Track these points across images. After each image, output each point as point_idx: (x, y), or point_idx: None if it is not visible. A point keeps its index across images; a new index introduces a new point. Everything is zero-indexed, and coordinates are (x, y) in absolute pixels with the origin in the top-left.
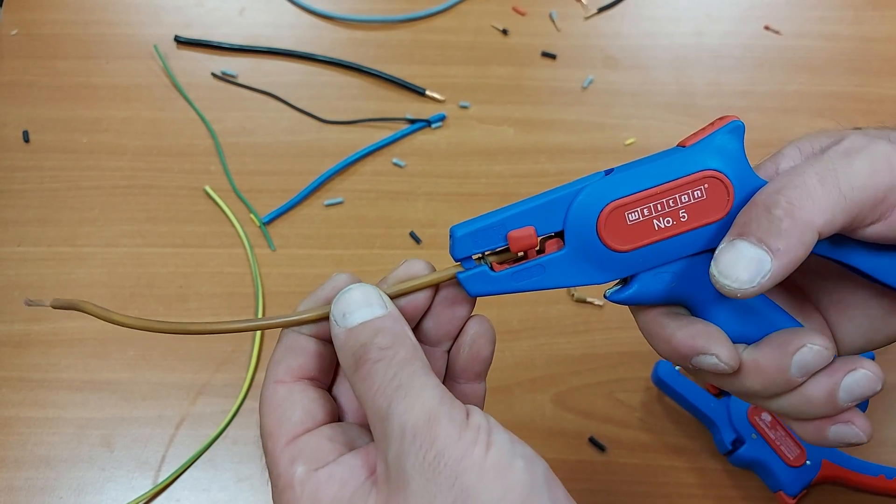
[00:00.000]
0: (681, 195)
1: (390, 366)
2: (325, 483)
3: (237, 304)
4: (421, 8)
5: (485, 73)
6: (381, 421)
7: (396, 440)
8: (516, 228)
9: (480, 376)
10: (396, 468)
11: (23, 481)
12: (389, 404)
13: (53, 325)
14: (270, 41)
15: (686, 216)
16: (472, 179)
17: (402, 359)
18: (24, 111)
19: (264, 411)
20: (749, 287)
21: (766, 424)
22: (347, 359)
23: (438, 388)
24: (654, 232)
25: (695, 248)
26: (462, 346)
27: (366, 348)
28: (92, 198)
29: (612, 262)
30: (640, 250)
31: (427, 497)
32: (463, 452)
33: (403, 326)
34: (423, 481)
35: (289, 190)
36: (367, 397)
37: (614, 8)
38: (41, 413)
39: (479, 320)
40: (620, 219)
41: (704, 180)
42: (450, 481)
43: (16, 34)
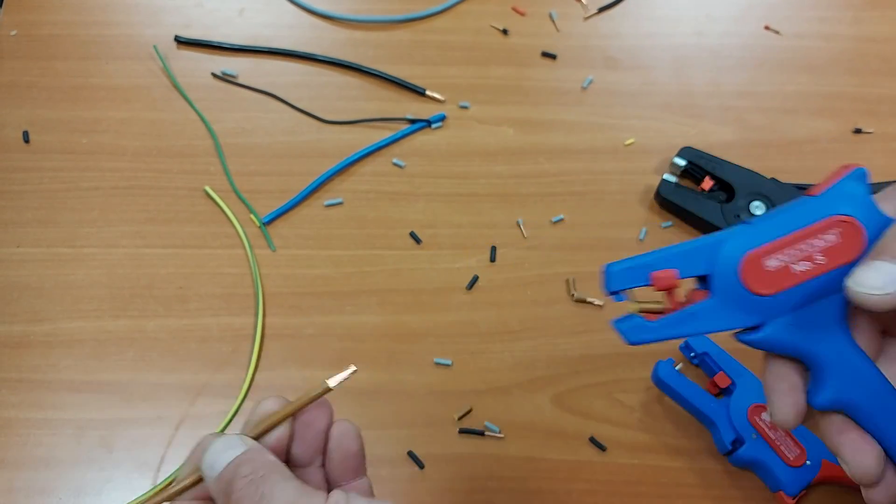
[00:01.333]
0: (816, 240)
1: (254, 484)
2: None
3: (237, 304)
4: (421, 8)
5: (485, 74)
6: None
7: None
8: (660, 269)
9: (358, 471)
10: None
11: (22, 482)
12: None
13: (53, 326)
14: (270, 41)
15: (823, 259)
16: (471, 180)
17: (263, 476)
18: (23, 112)
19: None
20: (881, 293)
21: (766, 424)
22: (220, 499)
23: (296, 487)
24: (794, 276)
25: (833, 289)
26: (331, 452)
27: (231, 483)
28: (92, 198)
29: (756, 306)
30: (782, 293)
31: None
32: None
33: (262, 453)
34: None
35: (289, 190)
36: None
37: (614, 8)
38: (40, 414)
39: (338, 424)
40: (760, 265)
41: (838, 225)
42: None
43: (15, 35)
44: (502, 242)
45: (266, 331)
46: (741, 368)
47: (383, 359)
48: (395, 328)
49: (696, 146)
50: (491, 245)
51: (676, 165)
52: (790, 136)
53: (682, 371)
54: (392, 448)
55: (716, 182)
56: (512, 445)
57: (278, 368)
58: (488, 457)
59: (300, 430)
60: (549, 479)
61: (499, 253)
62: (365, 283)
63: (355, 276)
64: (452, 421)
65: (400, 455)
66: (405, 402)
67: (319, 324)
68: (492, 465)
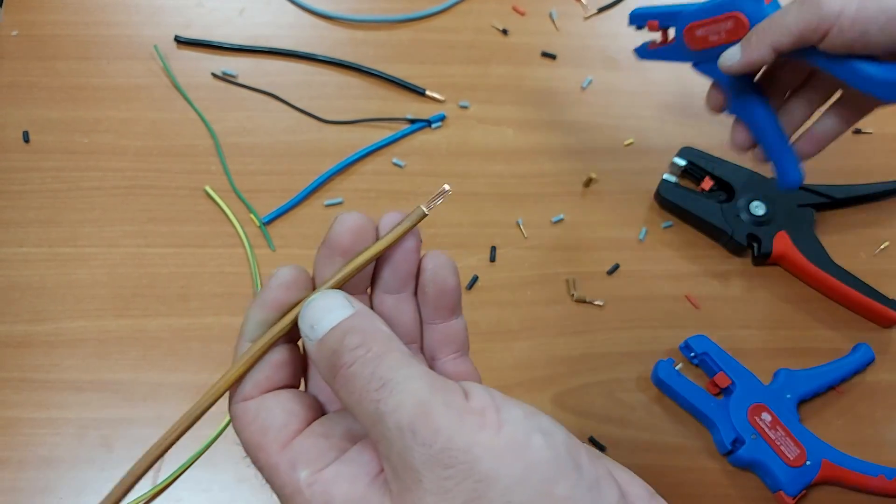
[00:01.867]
0: (722, 24)
1: (366, 365)
2: (334, 482)
3: (237, 304)
4: (421, 8)
5: (485, 73)
6: (375, 424)
7: (397, 440)
8: (652, 20)
9: (454, 310)
10: (404, 466)
11: (24, 482)
12: (377, 406)
13: (55, 326)
14: (270, 41)
15: (725, 35)
16: (471, 179)
17: (377, 354)
18: (24, 112)
19: (241, 427)
20: (728, 63)
21: (766, 424)
22: (324, 371)
23: (425, 375)
24: (710, 41)
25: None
26: (425, 284)
27: (337, 354)
28: (93, 198)
29: (691, 55)
30: (703, 50)
31: (443, 492)
32: (471, 439)
33: (373, 320)
34: (436, 476)
35: (289, 190)
36: (352, 404)
37: (614, 8)
38: (42, 414)
39: (432, 255)
40: (693, 33)
41: (733, 17)
42: (464, 472)
43: (16, 35)
44: (502, 242)
45: None
46: (741, 368)
47: None
48: None
49: (696, 146)
50: (491, 245)
51: (676, 165)
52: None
53: (682, 371)
54: None
55: (716, 182)
56: None
57: None
58: None
59: (387, 252)
60: None
61: (499, 253)
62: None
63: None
64: None
65: None
66: None
67: None
68: None
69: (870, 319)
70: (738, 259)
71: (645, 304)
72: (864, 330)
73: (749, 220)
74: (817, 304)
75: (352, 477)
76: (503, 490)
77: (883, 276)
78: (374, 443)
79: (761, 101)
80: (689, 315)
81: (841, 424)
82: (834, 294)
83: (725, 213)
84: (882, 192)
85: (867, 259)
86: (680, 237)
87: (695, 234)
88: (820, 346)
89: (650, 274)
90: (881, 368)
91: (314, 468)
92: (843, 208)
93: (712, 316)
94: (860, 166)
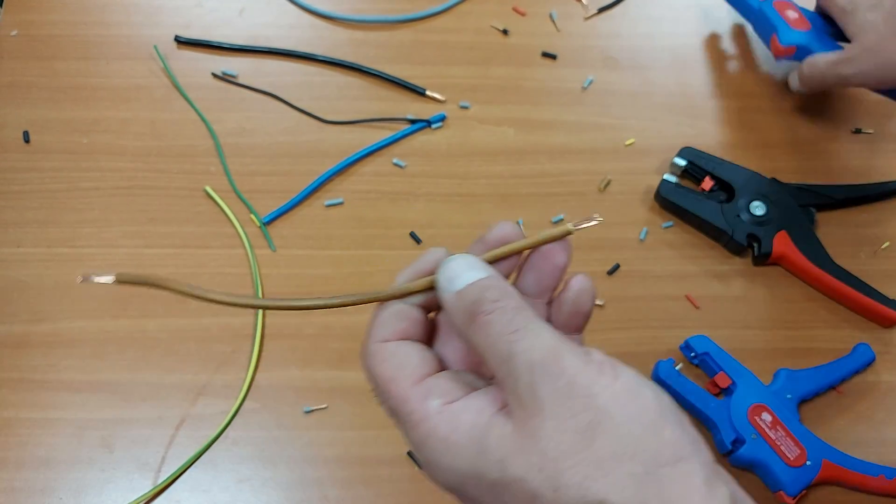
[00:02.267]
0: None
1: (504, 314)
2: (462, 411)
3: None
4: (421, 8)
5: (485, 74)
6: (506, 362)
7: (525, 374)
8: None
9: (580, 329)
10: (529, 396)
11: (22, 482)
12: (511, 346)
13: (53, 326)
14: (270, 41)
15: None
16: (472, 180)
17: (514, 307)
18: (23, 112)
19: (376, 362)
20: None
21: (766, 424)
22: (461, 316)
23: (553, 330)
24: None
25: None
26: (565, 301)
27: (478, 303)
28: (92, 199)
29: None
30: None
31: (563, 418)
32: (592, 380)
33: (506, 284)
34: (558, 405)
35: (289, 190)
36: (487, 344)
37: (614, 8)
38: (41, 414)
39: (582, 278)
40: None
41: None
42: (584, 403)
43: (16, 35)
44: None
45: (266, 331)
46: (741, 368)
47: None
48: None
49: (696, 146)
50: None
51: (676, 165)
52: (790, 136)
53: (683, 371)
54: (392, 448)
55: (716, 182)
56: None
57: (278, 368)
58: None
59: (537, 259)
60: None
61: None
62: (365, 283)
63: (355, 276)
64: None
65: (400, 455)
66: None
67: (319, 324)
68: None
69: (870, 319)
70: (738, 259)
71: (645, 304)
72: (864, 330)
73: (749, 220)
74: (817, 304)
75: (478, 409)
76: (617, 423)
77: (883, 276)
78: (501, 380)
79: None
80: (690, 315)
81: (841, 424)
82: (834, 294)
83: (725, 213)
84: (882, 192)
85: (867, 259)
86: (680, 237)
87: (695, 234)
88: (820, 346)
89: (650, 274)
90: (881, 368)
91: (444, 400)
92: (843, 208)
93: (712, 316)
94: (860, 166)
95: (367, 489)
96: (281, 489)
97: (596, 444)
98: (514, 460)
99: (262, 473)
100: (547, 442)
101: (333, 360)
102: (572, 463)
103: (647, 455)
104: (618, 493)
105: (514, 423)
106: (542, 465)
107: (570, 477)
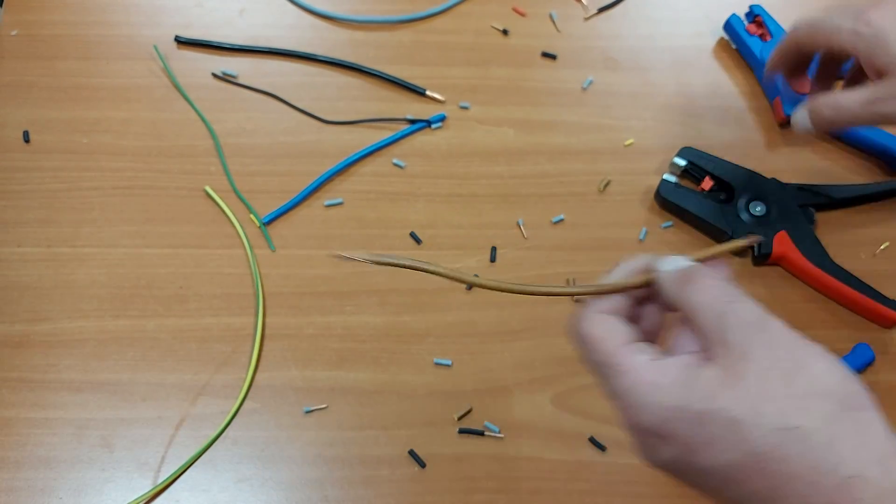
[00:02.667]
0: None
1: (717, 285)
2: (669, 364)
3: (237, 304)
4: (421, 9)
5: (485, 74)
6: (720, 318)
7: (738, 329)
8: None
9: None
10: (738, 346)
11: (22, 482)
12: (725, 307)
13: (53, 326)
14: (270, 41)
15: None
16: (471, 180)
17: (729, 288)
18: (24, 112)
19: (592, 324)
20: (799, 126)
21: None
22: (675, 283)
23: (761, 311)
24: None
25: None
26: None
27: (691, 272)
28: (92, 198)
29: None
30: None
31: (768, 363)
32: (794, 340)
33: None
34: (764, 353)
35: (289, 190)
36: (701, 304)
37: (614, 8)
38: (41, 414)
39: None
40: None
41: None
42: (786, 354)
43: (16, 35)
44: (502, 243)
45: (266, 331)
46: None
47: (383, 359)
48: (395, 328)
49: (696, 146)
50: (491, 245)
51: (676, 165)
52: (790, 136)
53: None
54: (393, 448)
55: (716, 182)
56: (512, 445)
57: (278, 368)
58: (488, 457)
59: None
60: (548, 479)
61: (499, 253)
62: (365, 283)
63: (355, 276)
64: (452, 421)
65: (401, 455)
66: (405, 402)
67: (319, 324)
68: (492, 464)
69: (870, 319)
70: (738, 259)
71: None
72: (864, 330)
73: (749, 220)
74: (817, 304)
75: (684, 362)
76: (813, 373)
77: (883, 277)
78: (710, 332)
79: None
80: None
81: None
82: (834, 294)
83: (725, 213)
84: (882, 192)
85: (867, 259)
86: (680, 237)
87: (695, 234)
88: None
89: None
90: (881, 368)
91: (652, 356)
92: (843, 208)
93: None
94: (860, 166)
95: (366, 489)
96: (281, 489)
97: (795, 385)
98: (721, 393)
99: (261, 473)
100: (753, 379)
101: (333, 360)
102: (774, 397)
103: (839, 398)
104: (812, 422)
105: (722, 366)
106: (746, 398)
107: (771, 407)
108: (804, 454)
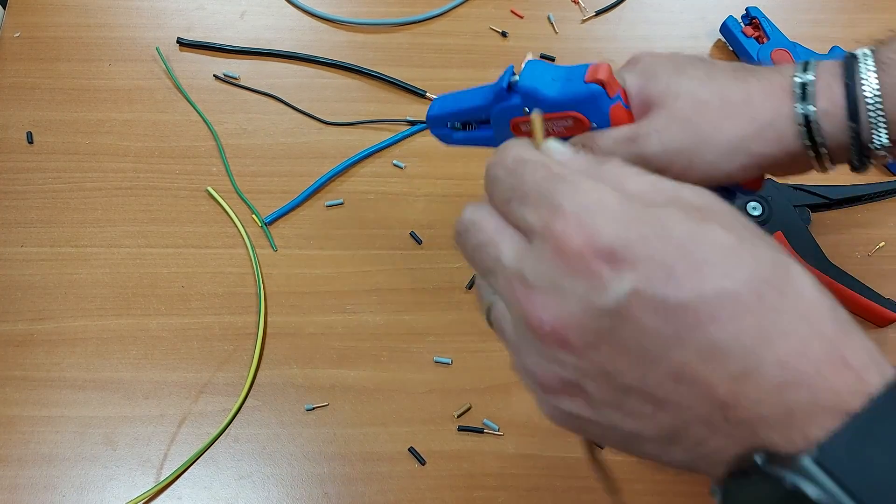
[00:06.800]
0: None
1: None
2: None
3: (239, 303)
4: (420, 11)
5: (484, 76)
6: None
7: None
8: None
9: None
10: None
11: (25, 479)
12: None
13: (56, 325)
14: (271, 44)
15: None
16: (471, 181)
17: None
18: (27, 113)
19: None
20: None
21: None
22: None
23: None
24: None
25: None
26: None
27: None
28: (95, 199)
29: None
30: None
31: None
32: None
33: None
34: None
35: (290, 191)
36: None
37: (611, 11)
38: (44, 412)
39: None
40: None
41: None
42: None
43: (19, 37)
44: None
45: (267, 329)
46: None
47: (384, 357)
48: (396, 327)
49: None
50: None
51: None
52: None
53: None
54: (393, 445)
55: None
56: (511, 443)
57: (280, 366)
58: (487, 454)
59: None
60: (547, 476)
61: None
62: (365, 283)
63: (356, 276)
64: (452, 418)
65: (401, 452)
66: (405, 400)
67: (320, 323)
68: (491, 462)
69: (867, 319)
70: None
71: None
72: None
73: None
74: None
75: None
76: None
77: (879, 276)
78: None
79: None
80: None
81: None
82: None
83: None
84: (878, 193)
85: (863, 259)
86: None
87: None
88: None
89: None
90: None
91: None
92: (838, 208)
93: None
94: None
95: (367, 486)
96: (282, 486)
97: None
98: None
99: (263, 470)
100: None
101: (334, 358)
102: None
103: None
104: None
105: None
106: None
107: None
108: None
